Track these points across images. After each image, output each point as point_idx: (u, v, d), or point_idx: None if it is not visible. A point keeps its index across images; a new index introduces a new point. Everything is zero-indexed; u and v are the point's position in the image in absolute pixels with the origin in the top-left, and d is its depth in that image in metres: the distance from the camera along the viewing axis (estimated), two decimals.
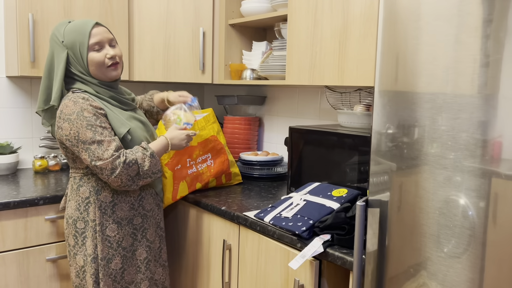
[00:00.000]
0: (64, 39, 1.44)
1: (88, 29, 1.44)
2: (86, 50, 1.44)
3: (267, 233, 1.46)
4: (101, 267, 1.47)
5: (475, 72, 0.90)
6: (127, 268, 1.53)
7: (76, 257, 1.49)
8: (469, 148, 0.92)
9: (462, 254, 0.93)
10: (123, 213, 1.51)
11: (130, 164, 1.40)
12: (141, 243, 1.56)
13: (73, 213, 1.49)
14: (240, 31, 2.28)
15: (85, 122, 1.39)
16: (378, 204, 1.09)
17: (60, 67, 1.44)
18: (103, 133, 1.40)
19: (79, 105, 1.40)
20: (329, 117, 2.10)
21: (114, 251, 1.50)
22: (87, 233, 1.48)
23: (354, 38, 1.56)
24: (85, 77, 1.47)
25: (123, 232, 1.51)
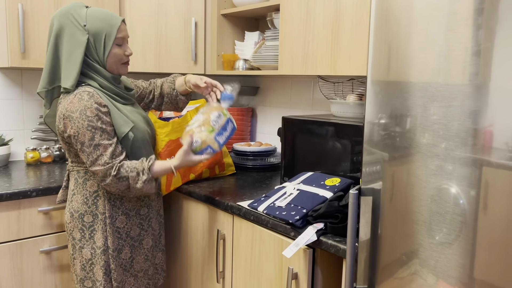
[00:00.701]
0: (86, 24, 1.40)
1: (118, 22, 1.44)
2: (111, 42, 1.43)
3: (261, 222, 1.47)
4: (113, 258, 1.49)
5: (467, 61, 0.90)
6: (135, 257, 1.56)
7: (83, 250, 1.48)
8: (461, 137, 0.93)
9: (453, 240, 0.95)
10: (130, 204, 1.53)
11: (121, 179, 1.39)
12: (147, 232, 1.59)
13: (79, 207, 1.48)
14: (233, 21, 2.27)
15: (86, 122, 1.36)
16: (370, 192, 1.10)
17: (79, 50, 1.39)
18: (102, 136, 1.37)
19: (83, 103, 1.36)
20: (322, 107, 2.11)
21: (123, 241, 1.52)
22: (96, 226, 1.47)
23: (347, 27, 1.56)
24: (98, 67, 1.44)
25: (131, 222, 1.53)
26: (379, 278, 1.10)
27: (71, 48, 1.40)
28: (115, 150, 1.39)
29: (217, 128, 1.49)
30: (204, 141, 1.47)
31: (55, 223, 1.80)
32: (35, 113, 2.29)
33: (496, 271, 0.89)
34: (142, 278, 1.59)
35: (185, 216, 1.86)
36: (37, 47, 1.94)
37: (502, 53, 0.85)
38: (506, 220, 0.87)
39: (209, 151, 1.49)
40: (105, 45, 1.43)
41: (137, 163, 1.41)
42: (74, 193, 1.50)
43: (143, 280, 1.60)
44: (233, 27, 2.28)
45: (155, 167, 1.44)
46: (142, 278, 1.59)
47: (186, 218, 1.86)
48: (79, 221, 1.48)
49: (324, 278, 1.37)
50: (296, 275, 1.36)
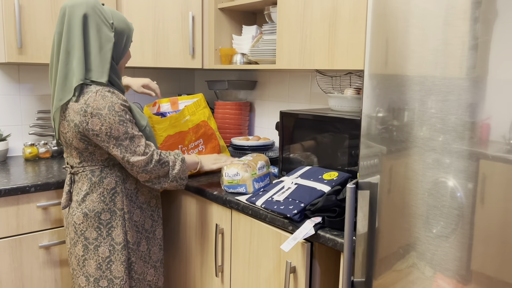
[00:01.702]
0: (114, 22, 1.45)
1: (133, 27, 1.54)
2: (129, 45, 1.52)
3: (259, 216, 1.47)
4: (133, 252, 1.52)
5: (464, 54, 0.90)
6: (151, 248, 1.61)
7: (99, 249, 1.47)
8: (458, 130, 0.93)
9: (450, 234, 0.95)
10: (144, 197, 1.57)
11: (163, 164, 1.46)
12: (157, 223, 1.64)
13: (96, 206, 1.47)
14: (230, 15, 2.26)
15: (117, 117, 1.37)
16: (368, 186, 1.11)
17: (109, 45, 1.41)
18: (133, 128, 1.41)
19: (109, 99, 1.36)
20: (320, 101, 2.11)
21: (140, 234, 1.56)
22: (114, 222, 1.48)
23: (344, 21, 1.56)
24: (114, 65, 1.48)
25: (144, 215, 1.58)
26: (376, 271, 1.11)
27: (101, 41, 1.41)
28: (146, 140, 1.46)
29: (258, 174, 1.67)
30: (243, 179, 1.63)
31: (54, 218, 1.81)
32: (33, 109, 2.29)
33: (493, 263, 0.90)
34: (160, 267, 1.65)
35: (184, 210, 1.87)
36: (34, 42, 1.93)
37: (500, 47, 0.85)
38: (503, 213, 0.87)
39: (242, 190, 1.64)
40: (124, 46, 1.50)
41: (169, 152, 1.53)
42: (87, 193, 1.47)
43: (161, 269, 1.66)
44: (231, 21, 2.27)
45: (185, 155, 1.59)
46: (160, 267, 1.65)
47: (184, 212, 1.87)
48: (95, 220, 1.47)
49: (322, 271, 1.37)
50: (294, 268, 1.37)
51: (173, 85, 2.81)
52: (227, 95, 2.63)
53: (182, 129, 1.82)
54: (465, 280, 0.94)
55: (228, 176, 1.63)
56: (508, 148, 0.86)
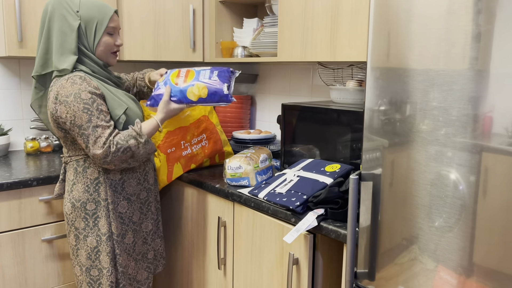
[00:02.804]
0: (79, 10, 1.44)
1: (110, 12, 1.48)
2: (102, 30, 1.47)
3: (261, 209, 1.47)
4: (117, 243, 1.51)
5: (467, 45, 0.90)
6: (137, 241, 1.59)
7: (87, 239, 1.49)
8: (460, 122, 0.93)
9: (453, 225, 0.95)
10: (131, 189, 1.55)
11: (124, 151, 1.40)
12: (146, 216, 1.62)
13: (81, 196, 1.48)
14: (231, 8, 2.25)
15: (81, 105, 1.37)
16: (371, 177, 1.11)
17: (72, 35, 1.42)
18: (99, 117, 1.39)
19: (77, 87, 1.38)
20: (322, 94, 2.11)
21: (126, 226, 1.55)
22: (99, 213, 1.49)
23: (346, 12, 1.55)
24: (88, 53, 1.47)
25: (133, 207, 1.56)
26: (379, 263, 1.11)
27: (63, 33, 1.43)
28: (112, 132, 1.41)
29: (260, 167, 1.66)
30: (246, 172, 1.62)
31: (56, 212, 1.81)
32: None
33: (496, 255, 0.90)
34: (141, 261, 1.62)
35: (186, 204, 1.87)
36: (34, 36, 1.92)
37: (503, 37, 0.85)
38: (506, 205, 0.87)
39: (245, 182, 1.63)
40: (96, 33, 1.46)
41: (128, 131, 1.43)
42: (74, 183, 1.50)
43: (142, 263, 1.62)
44: (232, 14, 2.26)
45: (144, 128, 1.47)
46: (141, 261, 1.62)
47: (187, 206, 1.87)
48: (81, 210, 1.49)
49: (325, 263, 1.38)
50: (297, 260, 1.37)
51: None
52: None
53: (183, 125, 1.81)
54: (467, 271, 0.94)
55: (230, 169, 1.63)
56: (511, 141, 0.86)
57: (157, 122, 1.50)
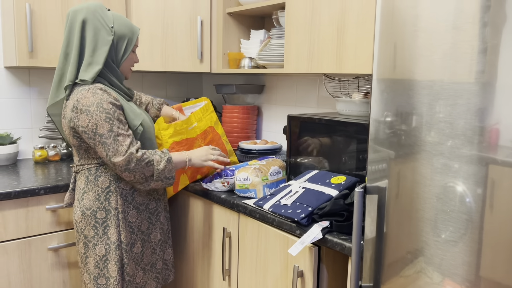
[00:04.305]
0: (114, 26, 1.49)
1: (137, 31, 1.58)
2: (131, 48, 1.55)
3: (266, 220, 1.47)
4: (126, 252, 1.52)
5: (473, 58, 0.90)
6: (145, 251, 1.60)
7: (96, 247, 1.50)
8: (467, 135, 0.92)
9: (459, 239, 0.95)
10: (141, 198, 1.57)
11: (148, 163, 1.44)
12: (155, 226, 1.63)
13: (91, 204, 1.50)
14: (238, 19, 2.27)
15: (104, 114, 1.40)
16: (376, 190, 1.10)
17: (104, 48, 1.47)
18: (120, 127, 1.42)
19: (99, 97, 1.41)
20: (328, 105, 2.11)
21: (135, 235, 1.56)
22: (109, 221, 1.50)
23: (352, 25, 1.56)
24: (114, 67, 1.51)
25: (141, 217, 1.58)
26: (384, 276, 1.10)
27: (96, 44, 1.46)
28: (132, 140, 1.44)
29: (270, 180, 1.66)
30: (253, 183, 1.62)
31: (63, 221, 1.82)
32: (43, 112, 2.32)
33: (502, 269, 0.89)
34: (150, 271, 1.63)
35: (191, 214, 1.87)
36: (45, 46, 1.96)
37: (509, 51, 0.85)
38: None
39: (251, 194, 1.63)
40: (125, 49, 1.53)
41: (155, 150, 1.50)
42: (84, 191, 1.51)
43: (151, 273, 1.63)
44: (239, 25, 2.28)
45: (171, 154, 1.54)
46: (150, 271, 1.63)
47: (192, 216, 1.87)
48: (91, 219, 1.50)
49: (330, 276, 1.37)
50: (301, 273, 1.36)
51: (181, 89, 2.82)
52: (235, 99, 2.64)
53: (190, 136, 1.82)
54: (474, 286, 0.93)
55: (239, 180, 1.63)
56: None
57: (186, 154, 1.59)
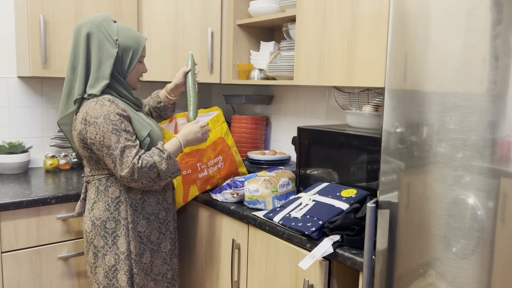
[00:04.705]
0: (118, 38, 1.50)
1: (143, 42, 1.57)
2: (137, 59, 1.55)
3: (276, 233, 1.47)
4: (135, 262, 1.52)
5: (484, 71, 0.90)
6: (154, 261, 1.60)
7: (106, 257, 1.51)
8: (478, 147, 0.92)
9: (470, 254, 0.94)
10: (151, 208, 1.57)
11: (150, 167, 1.43)
12: (165, 236, 1.63)
13: (101, 214, 1.51)
14: (248, 31, 2.29)
15: (111, 126, 1.41)
16: (388, 205, 1.10)
17: (109, 61, 1.48)
18: (127, 138, 1.43)
19: (106, 108, 1.42)
20: (337, 116, 2.11)
21: (144, 245, 1.56)
22: (119, 231, 1.51)
23: (363, 38, 1.57)
24: (120, 79, 1.53)
25: (151, 226, 1.58)
26: None
27: (101, 57, 1.48)
28: (138, 151, 1.44)
29: (279, 192, 1.66)
30: (263, 195, 1.63)
31: (73, 230, 1.83)
32: (54, 121, 2.34)
33: None
34: (161, 281, 1.63)
35: (200, 224, 1.88)
36: (57, 57, 1.98)
37: None
38: None
39: (261, 206, 1.63)
40: (131, 61, 1.54)
41: (152, 150, 1.48)
42: (95, 201, 1.52)
43: (162, 283, 1.64)
44: (249, 37, 2.30)
45: (166, 146, 1.51)
46: (161, 281, 1.63)
47: (201, 226, 1.88)
48: (101, 229, 1.51)
49: None
50: (312, 286, 1.36)
51: None
52: (244, 109, 2.65)
53: (200, 147, 1.83)
54: None
55: (248, 192, 1.64)
56: None
57: (178, 140, 1.54)
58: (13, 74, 2.21)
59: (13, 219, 1.69)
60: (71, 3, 1.99)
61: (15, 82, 2.21)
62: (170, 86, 1.79)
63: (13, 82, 2.21)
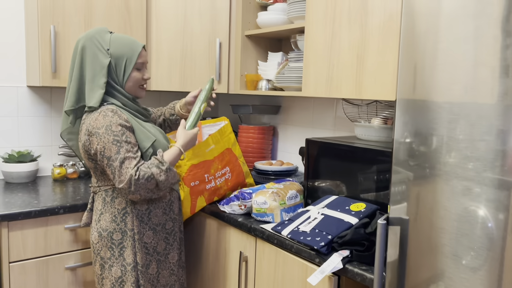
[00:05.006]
0: (110, 48, 1.50)
1: (138, 48, 1.54)
2: (131, 66, 1.53)
3: (284, 246, 1.46)
4: (141, 274, 1.52)
5: (495, 80, 0.89)
6: (161, 272, 1.59)
7: (112, 269, 1.51)
8: (488, 158, 0.91)
9: (480, 267, 0.93)
10: (157, 219, 1.56)
11: (148, 179, 1.42)
12: (173, 247, 1.62)
13: (108, 226, 1.51)
14: (256, 41, 2.30)
15: (112, 137, 1.41)
16: (399, 222, 1.09)
17: (102, 72, 1.48)
18: (127, 149, 1.42)
19: (108, 119, 1.43)
20: (345, 127, 2.11)
21: (151, 256, 1.55)
22: (125, 243, 1.50)
23: (373, 51, 1.57)
24: (118, 88, 1.52)
25: (158, 237, 1.57)
26: None
27: (94, 69, 1.49)
28: (138, 163, 1.43)
29: (287, 204, 1.65)
30: (271, 208, 1.62)
31: (81, 240, 1.83)
32: None
33: None
34: None
35: (207, 235, 1.87)
36: (67, 67, 2.00)
37: None
38: None
39: (269, 219, 1.63)
40: (125, 69, 1.52)
41: (151, 160, 1.45)
42: (101, 213, 1.52)
43: None
44: (257, 47, 2.31)
45: (166, 156, 1.48)
46: None
47: (208, 238, 1.87)
48: (108, 240, 1.51)
49: None
50: None
51: None
52: (251, 119, 2.65)
53: (207, 158, 1.83)
54: None
55: (256, 204, 1.63)
56: None
57: (179, 148, 1.51)
58: (23, 84, 2.22)
59: (21, 229, 1.69)
60: (81, 14, 2.00)
61: (24, 92, 2.23)
62: (182, 102, 1.80)
63: (23, 91, 2.23)
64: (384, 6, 1.51)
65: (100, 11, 2.05)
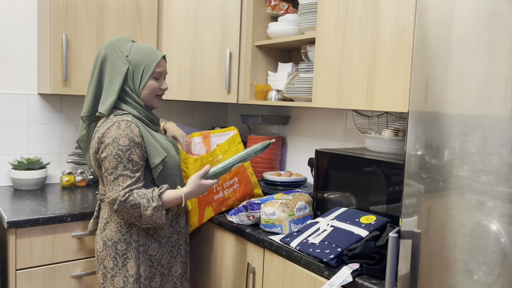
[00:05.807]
0: (129, 55, 1.50)
1: (158, 57, 1.53)
2: (149, 75, 1.51)
3: (293, 258, 1.44)
4: (144, 286, 1.50)
5: (508, 92, 0.88)
6: (164, 285, 1.57)
7: (115, 279, 1.49)
8: (501, 172, 0.90)
9: (493, 283, 0.91)
10: (163, 231, 1.55)
11: (133, 206, 1.38)
12: (176, 260, 1.60)
13: (113, 235, 1.49)
14: (266, 52, 2.30)
15: (115, 150, 1.40)
16: (410, 235, 1.07)
17: (118, 79, 1.48)
18: (126, 166, 1.40)
19: (119, 132, 1.42)
20: (354, 138, 2.09)
21: (154, 269, 1.53)
22: (129, 254, 1.49)
23: (384, 63, 1.56)
24: (132, 95, 1.51)
25: (163, 250, 1.55)
26: None
27: (112, 76, 1.49)
28: (132, 184, 1.40)
29: (296, 216, 1.64)
30: (279, 219, 1.60)
31: (87, 248, 1.83)
32: (72, 138, 2.36)
33: None
34: None
35: (215, 246, 1.86)
36: (78, 75, 2.01)
37: None
38: None
39: (277, 230, 1.61)
40: (142, 76, 1.51)
41: (148, 191, 1.42)
42: (107, 221, 1.52)
43: None
44: (267, 57, 2.31)
45: (165, 195, 1.43)
46: None
47: (215, 248, 1.85)
48: (112, 249, 1.49)
49: None
50: None
51: (206, 117, 2.85)
52: (260, 129, 2.65)
53: None
54: None
55: (265, 215, 1.62)
56: None
57: (181, 194, 1.45)
58: (34, 91, 2.24)
59: (29, 236, 1.69)
60: (93, 23, 2.02)
61: (35, 99, 2.25)
62: (174, 134, 1.77)
63: (34, 99, 2.24)
64: (396, 18, 1.50)
65: (112, 21, 2.07)
